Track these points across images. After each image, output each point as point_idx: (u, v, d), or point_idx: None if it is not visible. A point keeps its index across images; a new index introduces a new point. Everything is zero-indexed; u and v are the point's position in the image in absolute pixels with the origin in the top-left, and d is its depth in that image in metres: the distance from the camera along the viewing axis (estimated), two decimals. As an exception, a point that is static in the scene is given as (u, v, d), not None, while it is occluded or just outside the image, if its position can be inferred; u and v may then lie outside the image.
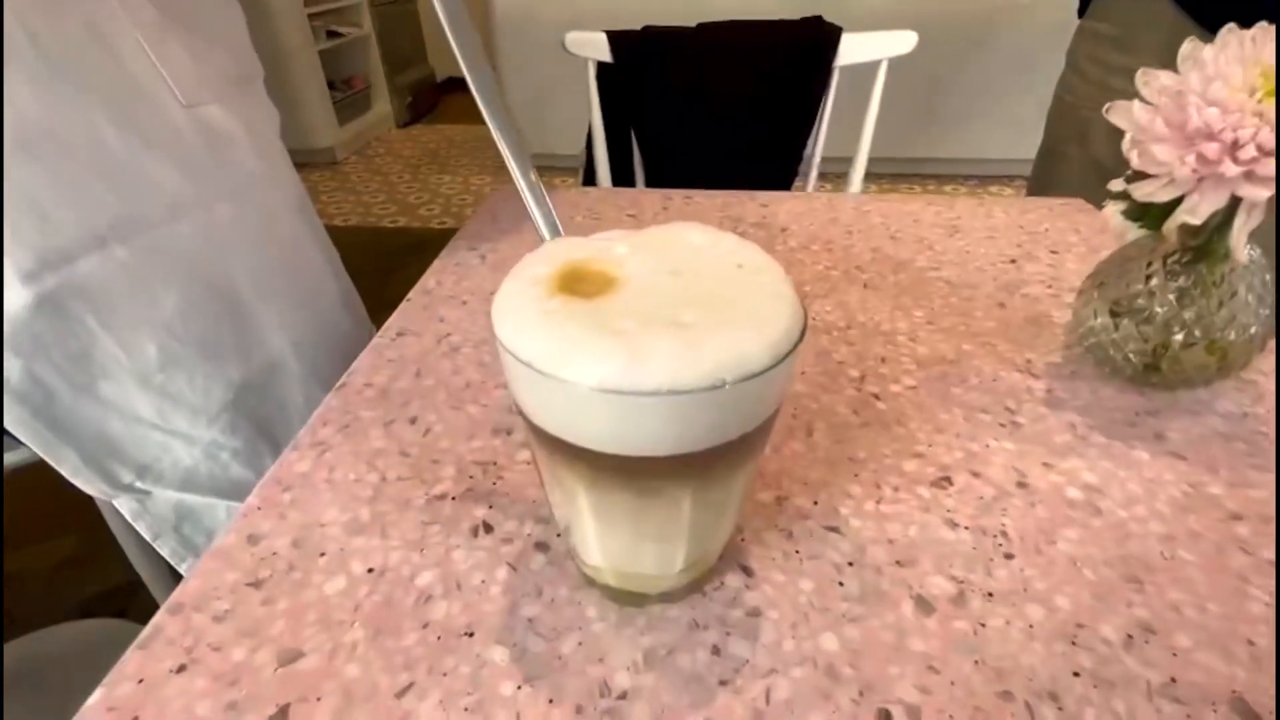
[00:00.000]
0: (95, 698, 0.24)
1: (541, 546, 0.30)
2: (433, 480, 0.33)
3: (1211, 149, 0.29)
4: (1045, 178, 0.96)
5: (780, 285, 0.21)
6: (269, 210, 0.51)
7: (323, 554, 0.29)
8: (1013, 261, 0.54)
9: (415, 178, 3.06)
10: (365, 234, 2.54)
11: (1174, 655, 0.25)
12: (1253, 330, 0.35)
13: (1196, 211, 0.30)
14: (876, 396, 0.39)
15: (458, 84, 4.31)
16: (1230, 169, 0.29)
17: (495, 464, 0.34)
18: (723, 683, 0.24)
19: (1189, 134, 0.30)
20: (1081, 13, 0.91)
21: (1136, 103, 0.32)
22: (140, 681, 0.24)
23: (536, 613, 0.27)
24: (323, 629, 0.26)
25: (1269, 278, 0.34)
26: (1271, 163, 0.28)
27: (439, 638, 0.26)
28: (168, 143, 0.43)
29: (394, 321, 0.47)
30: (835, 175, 1.05)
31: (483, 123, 0.27)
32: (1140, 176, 0.33)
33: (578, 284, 0.21)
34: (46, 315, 0.40)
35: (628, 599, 0.27)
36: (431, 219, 2.64)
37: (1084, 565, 0.28)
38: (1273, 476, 0.33)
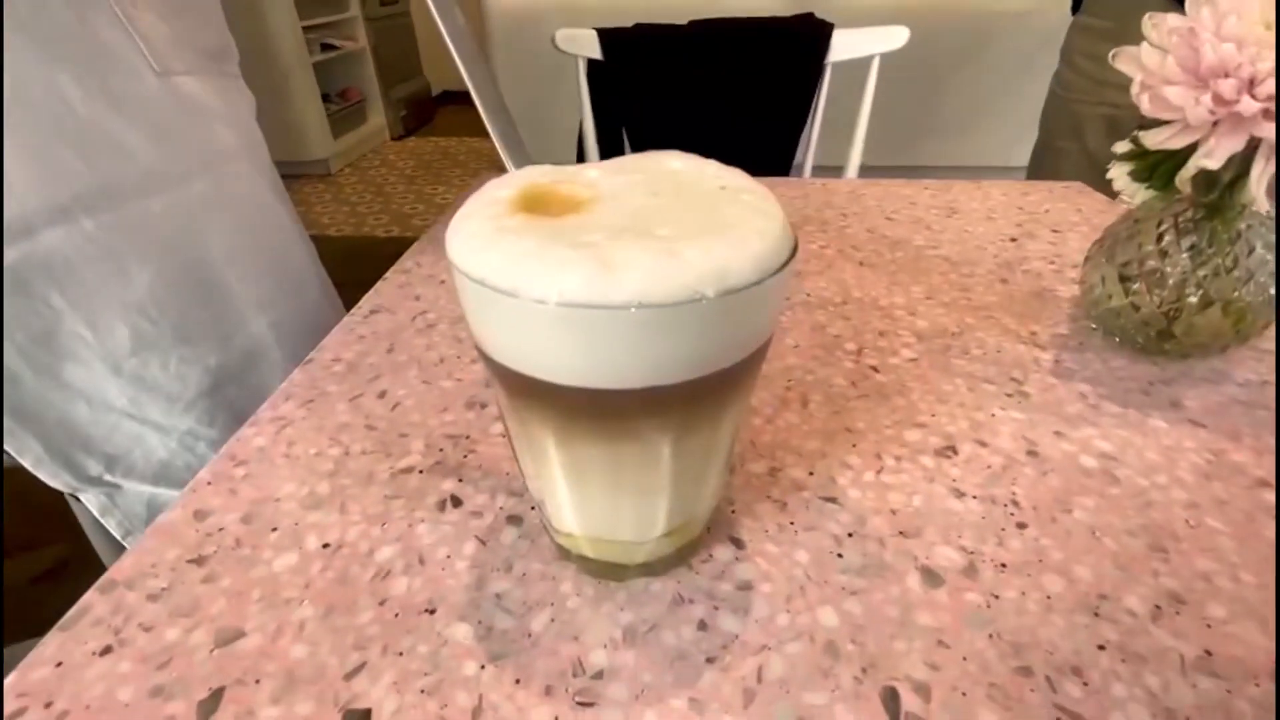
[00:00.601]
0: (6, 682, 0.21)
1: (514, 520, 0.27)
2: (399, 454, 0.31)
3: (1228, 86, 0.27)
4: (1041, 173, 0.95)
5: (767, 204, 0.18)
6: (247, 189, 0.49)
7: (275, 529, 0.27)
8: (1013, 240, 0.53)
9: (409, 189, 3.06)
10: (358, 243, 2.53)
11: (1208, 627, 0.22)
12: (1270, 290, 0.33)
13: (1214, 155, 0.28)
14: (875, 369, 0.37)
15: (453, 97, 4.34)
16: (1249, 105, 0.27)
17: (468, 437, 0.32)
18: (710, 660, 0.22)
19: (1202, 74, 0.28)
20: (1075, 8, 0.91)
21: (1145, 46, 0.30)
22: (58, 665, 0.21)
23: (506, 588, 0.24)
24: (268, 607, 0.23)
25: (1288, 232, 0.32)
26: (1292, 100, 0.26)
27: (397, 615, 0.23)
28: (139, 111, 0.41)
29: (368, 300, 0.45)
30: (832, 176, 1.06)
31: (478, 134, 0.25)
32: (1149, 129, 0.31)
33: (544, 205, 0.19)
34: (7, 291, 0.38)
35: (606, 571, 0.24)
36: (425, 229, 2.63)
37: (1104, 534, 0.26)
38: (1300, 443, 0.31)
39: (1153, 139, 0.30)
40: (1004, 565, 0.25)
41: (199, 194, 0.45)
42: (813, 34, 1.06)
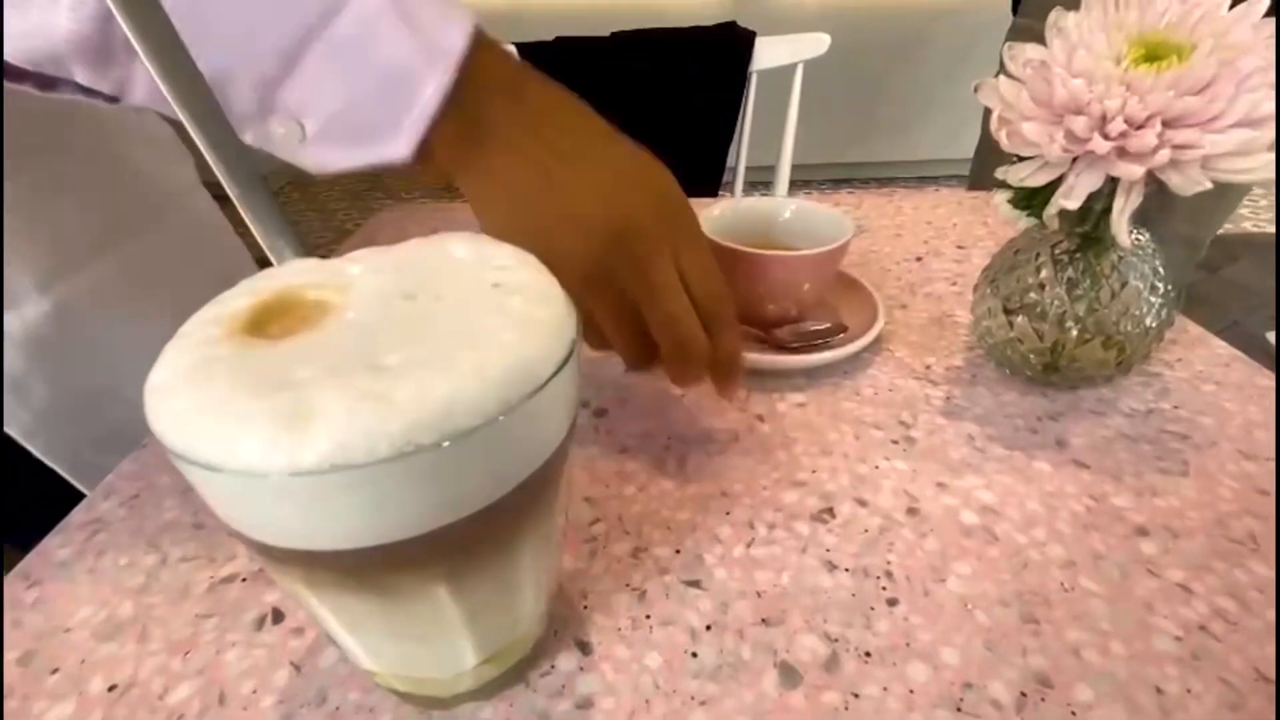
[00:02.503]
0: None
1: (342, 634, 0.24)
2: (224, 559, 0.27)
3: (1080, 124, 0.26)
4: (984, 171, 0.95)
5: (537, 307, 0.16)
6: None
7: (55, 671, 0.23)
8: (918, 260, 0.52)
9: (354, 205, 2.97)
10: (299, 265, 2.43)
11: (1072, 714, 0.21)
12: (1147, 321, 0.32)
13: (1072, 194, 0.27)
14: (761, 418, 0.35)
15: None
16: (1101, 145, 0.26)
17: (308, 531, 0.29)
18: (531, 806, 0.19)
19: (1056, 109, 0.27)
20: (1015, 10, 0.92)
21: (1002, 78, 0.29)
22: None
23: (314, 727, 0.21)
24: (27, 777, 0.20)
25: (1159, 265, 0.32)
26: (1143, 136, 0.25)
27: (179, 775, 0.20)
28: None
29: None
30: (767, 184, 1.03)
31: None
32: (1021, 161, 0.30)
33: (278, 319, 0.16)
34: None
35: (429, 701, 0.22)
36: (369, 246, 2.55)
37: (976, 606, 0.25)
38: (1179, 480, 0.30)
39: (1014, 175, 0.29)
40: (868, 654, 0.23)
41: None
42: (736, 43, 1.04)
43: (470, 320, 0.15)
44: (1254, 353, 0.38)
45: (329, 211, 2.93)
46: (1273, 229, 2.22)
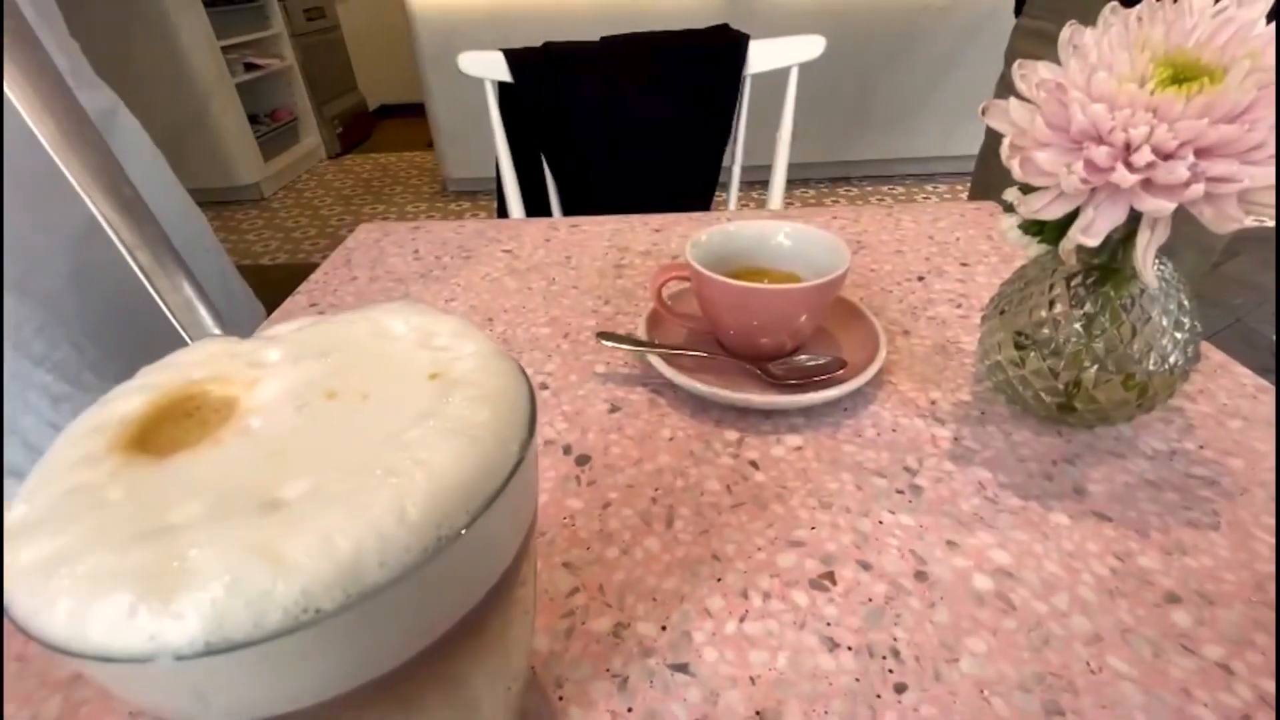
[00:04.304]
0: None
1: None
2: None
3: (1101, 154, 0.23)
4: (987, 175, 0.92)
5: (478, 409, 0.14)
6: None
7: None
8: (920, 279, 0.49)
9: (347, 209, 2.94)
10: (293, 271, 2.41)
11: (1107, 832, 0.19)
12: (1172, 359, 0.29)
13: (1092, 230, 0.25)
14: (755, 464, 0.32)
15: (392, 110, 4.20)
16: (1125, 178, 0.23)
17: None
18: None
19: (1074, 136, 0.24)
20: (1018, 11, 0.89)
21: (1013, 100, 0.27)
22: None
23: None
24: None
25: (1184, 299, 0.29)
26: (1173, 168, 0.23)
27: None
28: None
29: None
30: (762, 184, 1.01)
31: (419, 149, 0.20)
32: (1031, 187, 0.28)
33: (171, 425, 0.14)
34: None
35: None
36: (363, 252, 2.53)
37: (993, 692, 0.22)
38: (1210, 535, 0.28)
39: (1026, 208, 0.26)
40: (874, 755, 0.21)
41: None
42: (730, 47, 1.02)
43: (396, 432, 0.13)
44: (1258, 353, 0.36)
45: (322, 217, 2.91)
46: (1272, 223, 2.19)
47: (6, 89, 0.15)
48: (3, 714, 0.18)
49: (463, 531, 0.12)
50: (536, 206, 1.09)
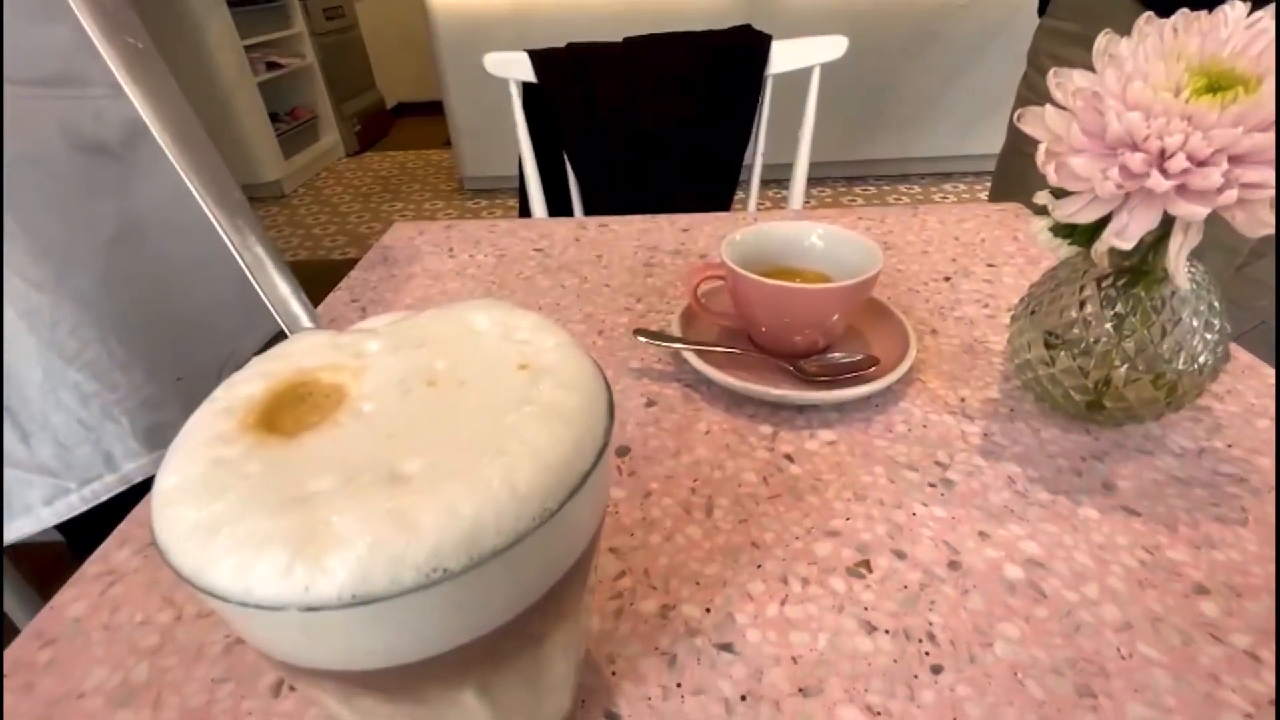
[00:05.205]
0: None
1: (361, 702, 0.23)
2: (240, 616, 0.27)
3: (1136, 160, 0.24)
4: (1009, 177, 0.92)
5: (568, 395, 0.15)
6: None
7: (69, 742, 0.23)
8: (947, 279, 0.50)
9: (366, 207, 2.98)
10: (312, 268, 2.45)
11: (1138, 805, 0.20)
12: (1201, 359, 0.30)
13: (1125, 234, 0.26)
14: (789, 457, 0.34)
15: (409, 109, 4.24)
16: (1160, 183, 0.24)
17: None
18: None
19: (1110, 143, 0.25)
20: (1042, 11, 0.89)
21: (1049, 108, 0.27)
22: None
23: (334, 810, 0.20)
24: None
25: (1215, 300, 0.30)
26: (1208, 174, 0.23)
27: None
28: None
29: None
30: (784, 183, 1.01)
31: (436, 146, 0.21)
32: (1063, 191, 0.29)
33: (291, 408, 0.15)
34: None
35: (452, 781, 0.21)
36: (382, 249, 2.56)
37: (1026, 675, 0.23)
38: (1239, 530, 0.28)
39: (1061, 212, 0.27)
40: (913, 730, 0.22)
41: None
42: (752, 47, 1.02)
43: (496, 416, 0.14)
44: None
45: (341, 214, 2.95)
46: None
47: (132, 96, 0.17)
48: (2, 714, 0.19)
49: (564, 504, 0.13)
50: (558, 205, 1.10)
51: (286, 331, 0.19)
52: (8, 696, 0.24)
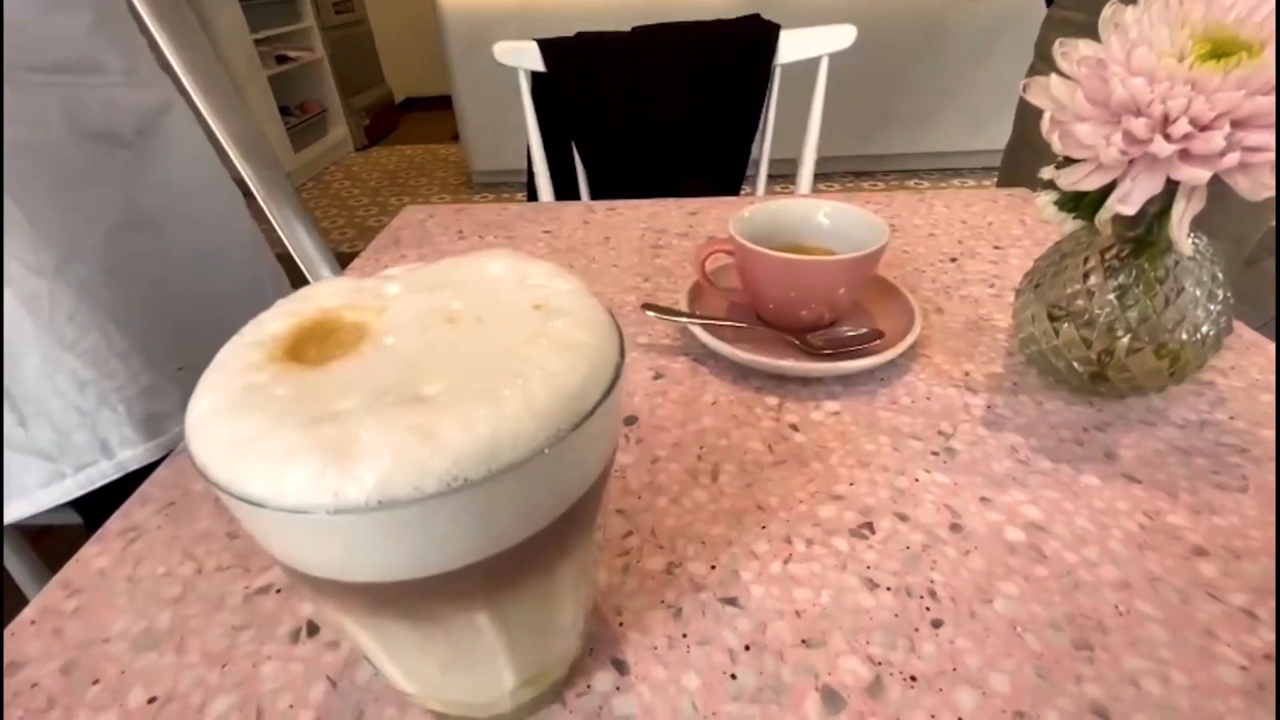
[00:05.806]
0: None
1: (376, 649, 0.24)
2: (258, 569, 0.28)
3: (1139, 126, 0.25)
4: (1016, 168, 0.92)
5: (580, 331, 0.16)
6: None
7: (96, 681, 0.23)
8: (953, 260, 0.50)
9: (373, 201, 2.99)
10: (321, 261, 2.46)
11: (1133, 749, 0.20)
12: (1204, 329, 0.30)
13: (1129, 200, 0.26)
14: (795, 427, 0.34)
15: (417, 104, 4.26)
16: (1163, 148, 0.24)
17: (340, 541, 0.29)
18: (570, 833, 0.19)
19: (1114, 109, 0.26)
20: (1049, 1, 0.89)
21: (1054, 77, 0.28)
22: None
23: (351, 745, 0.21)
24: (72, 790, 0.20)
25: (1218, 270, 0.30)
26: (1210, 138, 0.24)
27: (219, 792, 0.20)
28: None
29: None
30: (792, 178, 1.01)
31: (444, 141, 0.22)
32: (1069, 162, 0.29)
33: (316, 343, 0.16)
34: None
35: (465, 720, 0.21)
36: (390, 242, 2.57)
37: (1025, 630, 0.24)
38: (1239, 497, 0.29)
39: (1065, 179, 0.28)
40: (913, 678, 0.22)
41: None
42: (760, 36, 1.03)
43: (513, 346, 0.15)
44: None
45: (349, 207, 2.96)
46: (1316, 220, 2.14)
47: (177, 68, 0.17)
48: (2, 714, 0.20)
49: (577, 426, 0.14)
50: (565, 195, 1.11)
51: (311, 281, 0.19)
52: (36, 641, 0.25)
